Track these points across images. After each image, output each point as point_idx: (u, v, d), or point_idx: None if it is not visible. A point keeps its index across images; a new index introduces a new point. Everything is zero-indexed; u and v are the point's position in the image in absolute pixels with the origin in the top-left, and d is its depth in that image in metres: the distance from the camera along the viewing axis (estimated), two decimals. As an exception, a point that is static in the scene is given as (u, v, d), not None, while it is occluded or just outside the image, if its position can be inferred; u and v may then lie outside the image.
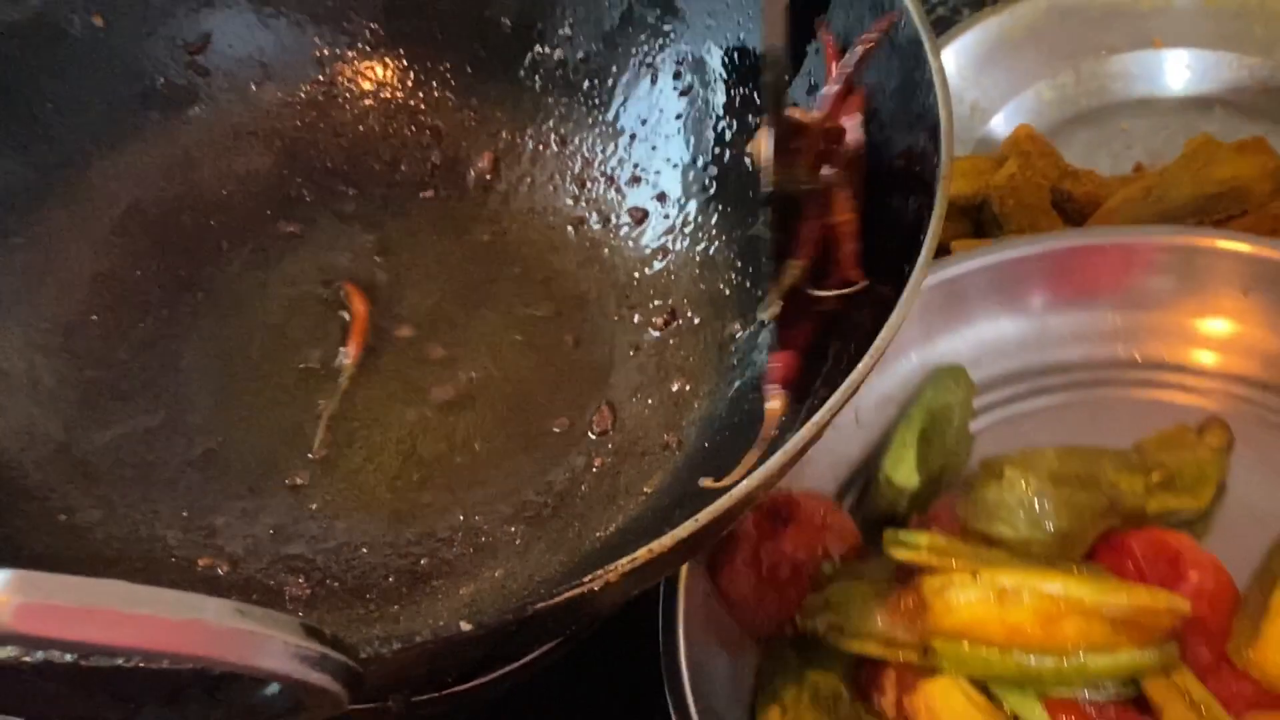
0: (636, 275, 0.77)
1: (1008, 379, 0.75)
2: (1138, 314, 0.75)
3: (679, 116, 0.78)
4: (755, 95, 0.75)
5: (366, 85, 0.83)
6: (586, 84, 0.80)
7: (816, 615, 0.65)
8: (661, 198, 0.78)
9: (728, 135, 0.76)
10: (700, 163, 0.77)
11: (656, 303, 0.76)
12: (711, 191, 0.77)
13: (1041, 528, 0.65)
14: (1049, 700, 0.62)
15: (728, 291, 0.74)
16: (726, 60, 0.76)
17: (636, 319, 0.76)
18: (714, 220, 0.76)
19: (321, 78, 0.82)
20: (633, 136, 0.79)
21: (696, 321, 0.74)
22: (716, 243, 0.76)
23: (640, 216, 0.78)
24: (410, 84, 0.82)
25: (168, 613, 0.39)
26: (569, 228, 0.79)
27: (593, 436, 0.71)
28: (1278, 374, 0.72)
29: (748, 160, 0.75)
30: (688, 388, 0.72)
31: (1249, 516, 0.68)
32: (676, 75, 0.78)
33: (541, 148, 0.81)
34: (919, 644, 0.63)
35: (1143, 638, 0.61)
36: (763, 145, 0.63)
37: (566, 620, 0.58)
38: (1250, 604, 0.64)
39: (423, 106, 0.82)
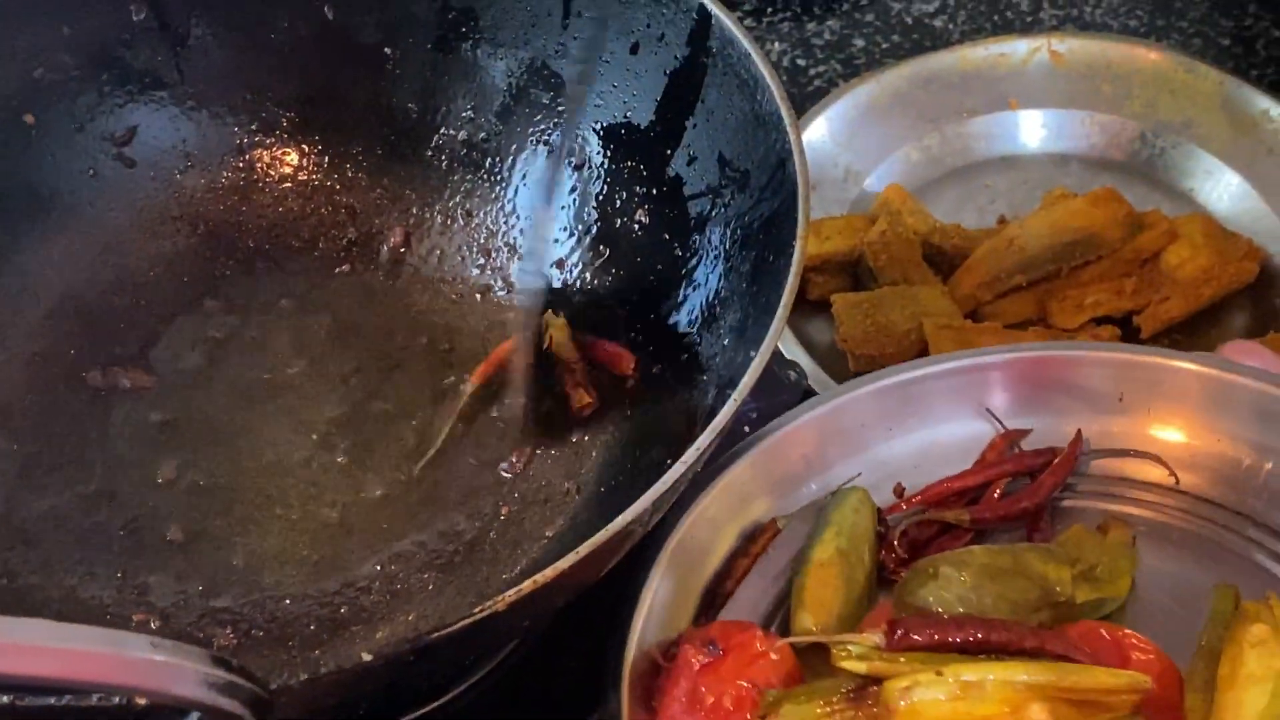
0: (540, 337, 0.82)
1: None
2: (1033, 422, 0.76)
3: (573, 189, 0.84)
4: (641, 167, 0.81)
5: (285, 169, 0.88)
6: (489, 161, 0.86)
7: None
8: (560, 264, 0.84)
9: (617, 204, 0.82)
10: (594, 231, 0.83)
11: (556, 360, 0.81)
12: (606, 256, 0.82)
13: (983, 622, 0.66)
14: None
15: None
16: (614, 137, 0.82)
17: (540, 377, 0.81)
18: (608, 283, 0.82)
19: (242, 164, 0.88)
20: (532, 208, 0.85)
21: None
22: (611, 303, 0.82)
23: (540, 282, 0.84)
24: (326, 167, 0.88)
25: (87, 646, 0.44)
26: (476, 295, 0.84)
27: (505, 476, 0.77)
28: (1181, 478, 0.74)
29: (636, 228, 0.81)
30: (586, 438, 0.78)
31: (1161, 608, 0.70)
32: (570, 151, 0.83)
33: (449, 222, 0.86)
34: None
35: (1110, 718, 0.61)
36: None
37: (463, 649, 0.63)
38: (1196, 680, 0.65)
39: (338, 187, 0.88)
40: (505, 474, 0.77)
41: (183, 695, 0.46)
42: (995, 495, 0.73)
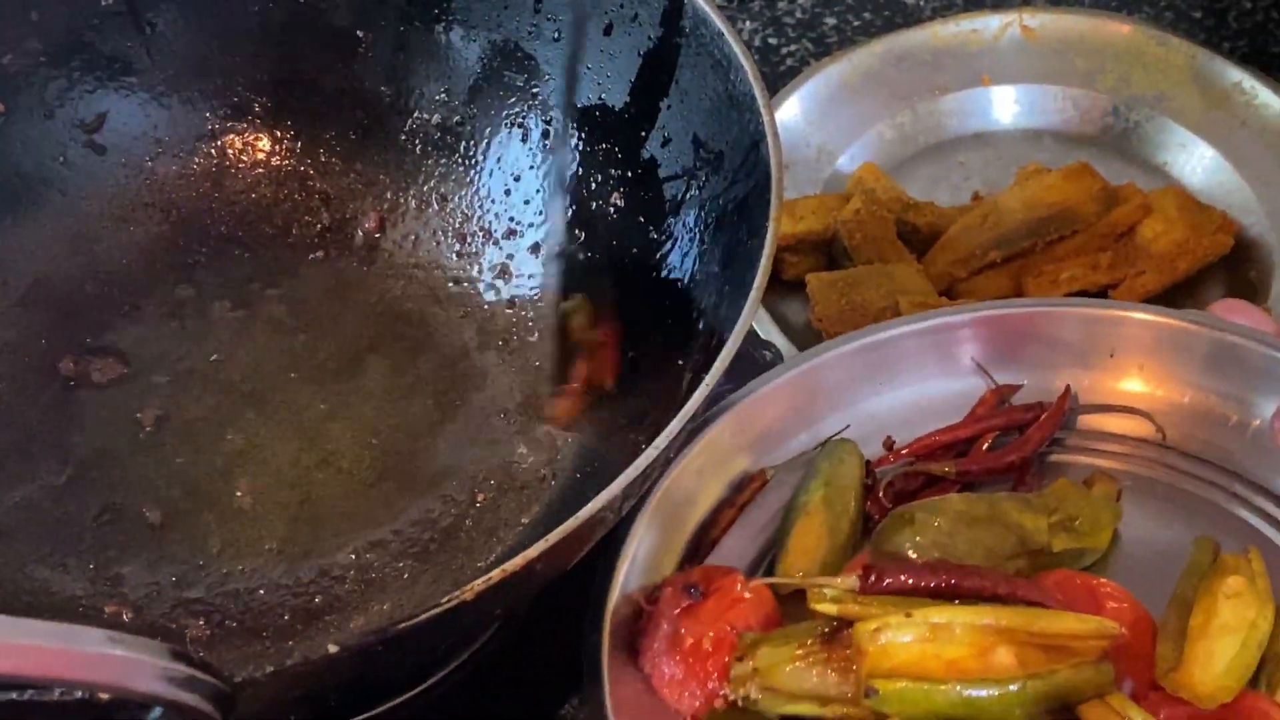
0: (514, 323, 0.82)
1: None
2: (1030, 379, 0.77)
3: (548, 172, 0.83)
4: (616, 149, 0.80)
5: (257, 155, 0.87)
6: (463, 145, 0.85)
7: (747, 682, 0.64)
8: (535, 248, 0.83)
9: (593, 186, 0.81)
10: (569, 214, 0.82)
11: (534, 347, 0.81)
12: (581, 239, 0.82)
13: (958, 568, 0.66)
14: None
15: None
16: (589, 119, 0.81)
17: (516, 364, 0.80)
18: (582, 267, 0.82)
19: (213, 150, 0.87)
20: (507, 192, 0.84)
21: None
22: (586, 287, 0.81)
23: (516, 267, 0.83)
24: (299, 152, 0.87)
25: (45, 641, 0.44)
26: (450, 282, 0.84)
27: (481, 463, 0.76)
28: (1169, 433, 0.75)
29: (611, 211, 0.80)
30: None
31: (1143, 561, 0.71)
32: (545, 134, 0.83)
33: (424, 206, 0.85)
34: (855, 695, 0.62)
35: (1075, 661, 0.62)
36: None
37: (433, 638, 0.62)
38: (1169, 629, 0.66)
39: (311, 172, 0.87)
40: (479, 460, 0.76)
41: (142, 690, 0.46)
42: (983, 448, 0.74)
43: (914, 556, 0.67)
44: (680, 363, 0.73)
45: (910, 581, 0.64)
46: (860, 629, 0.62)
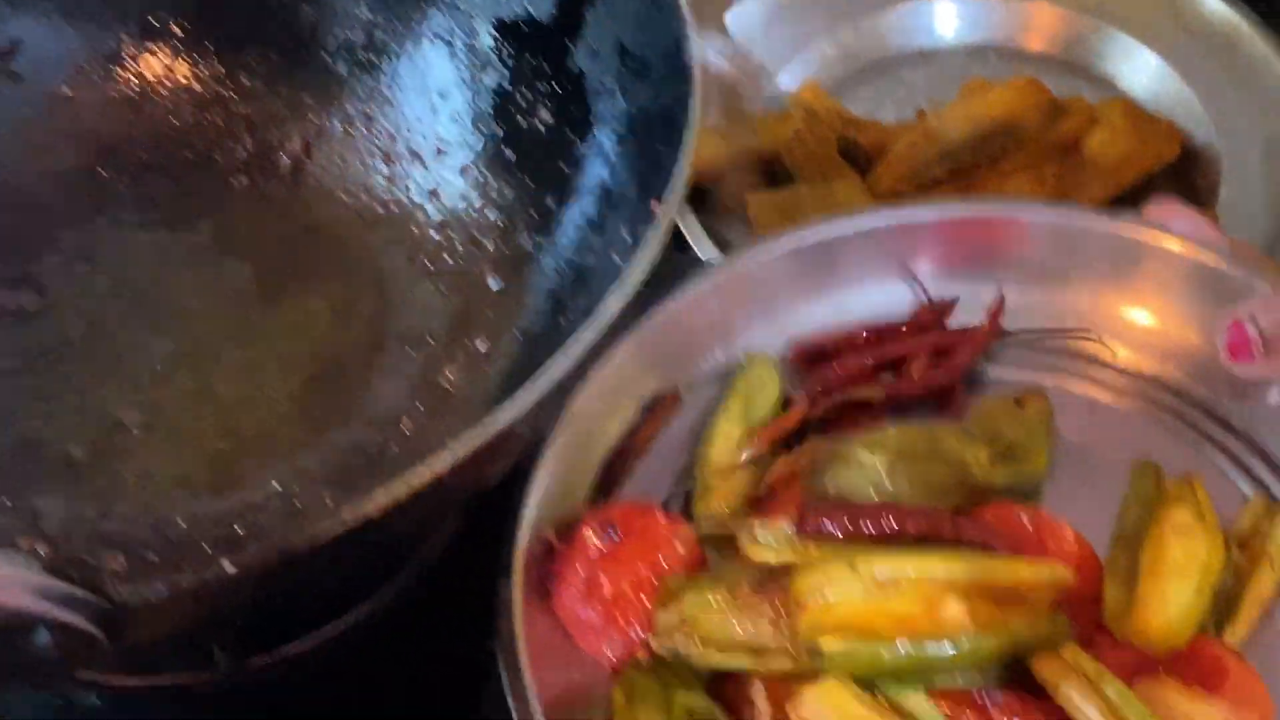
0: (444, 245, 0.80)
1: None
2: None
3: (476, 91, 0.81)
4: (544, 64, 0.78)
5: (178, 79, 0.85)
6: (387, 63, 0.83)
7: (673, 632, 0.60)
8: (464, 170, 0.81)
9: (522, 103, 0.79)
10: (499, 133, 0.80)
11: (463, 270, 0.79)
12: (511, 160, 0.80)
13: (898, 508, 0.63)
14: (937, 693, 0.58)
15: (528, 251, 0.77)
16: (515, 32, 0.79)
17: (444, 287, 0.78)
18: (514, 187, 0.79)
19: (132, 75, 0.84)
20: (434, 111, 0.82)
21: (499, 285, 0.77)
22: (517, 208, 0.79)
23: (445, 188, 0.81)
24: (220, 75, 0.84)
25: (-101, 558, 0.42)
26: (379, 205, 0.82)
27: (407, 388, 0.74)
28: (1105, 344, 0.72)
29: (540, 127, 0.78)
30: (490, 345, 0.75)
31: (1078, 485, 0.67)
32: (470, 49, 0.80)
33: (350, 128, 0.83)
34: (792, 649, 0.58)
35: (1028, 612, 0.59)
36: None
37: (344, 561, 0.60)
38: (1116, 569, 0.62)
39: (234, 96, 0.84)
40: (407, 386, 0.74)
41: (13, 605, 0.44)
42: (910, 369, 0.70)
43: (851, 497, 0.63)
44: (605, 278, 0.71)
45: (851, 525, 0.61)
46: (801, 583, 0.58)
